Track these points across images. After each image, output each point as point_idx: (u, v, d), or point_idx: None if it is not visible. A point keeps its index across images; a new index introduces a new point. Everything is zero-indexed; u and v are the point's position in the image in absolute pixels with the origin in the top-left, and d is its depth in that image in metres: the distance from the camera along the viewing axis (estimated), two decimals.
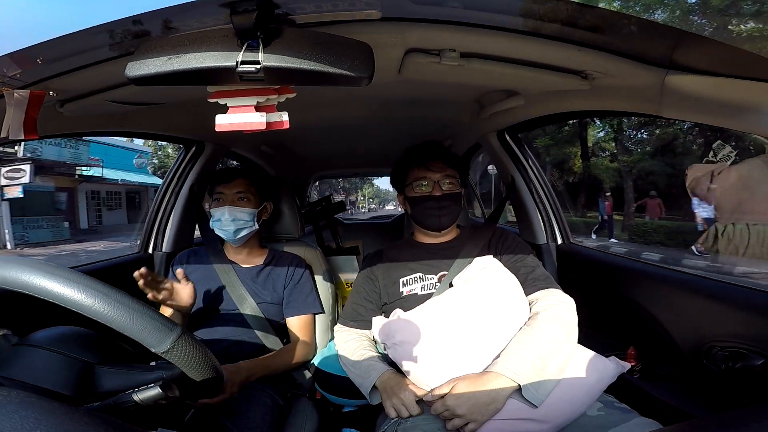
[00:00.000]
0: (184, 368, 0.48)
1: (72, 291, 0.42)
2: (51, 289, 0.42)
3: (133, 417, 0.49)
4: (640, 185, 12.17)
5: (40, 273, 0.42)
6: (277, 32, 0.52)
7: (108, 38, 0.59)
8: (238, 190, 1.10)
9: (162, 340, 0.45)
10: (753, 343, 0.80)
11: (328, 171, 3.11)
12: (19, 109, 0.68)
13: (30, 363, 0.48)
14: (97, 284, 0.44)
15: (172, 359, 0.47)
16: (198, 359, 0.48)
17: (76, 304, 0.42)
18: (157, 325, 0.45)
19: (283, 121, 0.62)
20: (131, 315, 0.44)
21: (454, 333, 0.84)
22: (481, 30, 0.65)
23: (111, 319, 0.43)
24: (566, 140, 14.37)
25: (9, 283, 0.42)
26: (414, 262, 1.05)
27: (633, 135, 13.65)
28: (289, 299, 1.14)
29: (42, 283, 0.42)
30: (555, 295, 0.90)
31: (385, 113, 1.44)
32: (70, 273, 0.43)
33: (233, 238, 1.10)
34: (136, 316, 0.44)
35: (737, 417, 0.41)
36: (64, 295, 0.42)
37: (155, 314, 0.46)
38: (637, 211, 11.28)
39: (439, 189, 1.02)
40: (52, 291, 0.42)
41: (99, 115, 1.00)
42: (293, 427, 0.97)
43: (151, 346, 0.45)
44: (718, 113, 0.66)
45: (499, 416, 0.75)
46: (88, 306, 0.42)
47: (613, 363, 0.83)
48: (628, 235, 10.12)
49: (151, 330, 0.45)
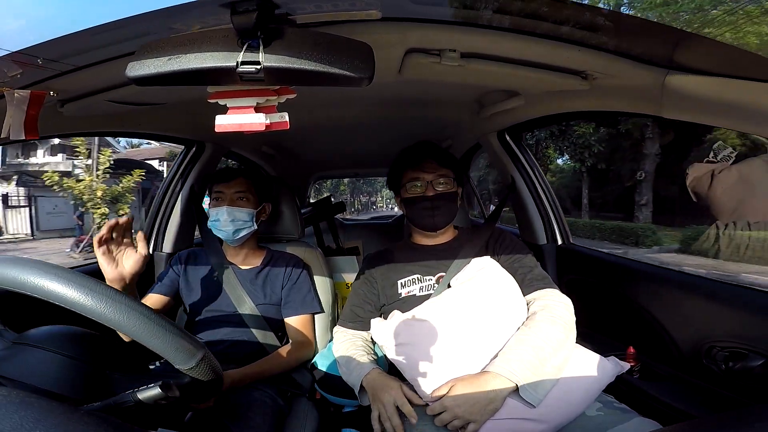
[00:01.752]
0: (198, 380, 0.50)
1: (114, 313, 0.44)
2: (97, 309, 0.44)
3: (133, 417, 0.49)
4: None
5: (89, 293, 0.44)
6: (278, 32, 0.52)
7: (108, 38, 0.59)
8: (238, 189, 1.10)
9: (189, 360, 0.48)
10: (753, 344, 0.80)
11: (328, 171, 3.10)
12: (20, 109, 0.68)
13: (33, 364, 0.49)
14: (137, 305, 0.46)
15: (191, 373, 0.49)
16: (212, 375, 0.51)
17: (117, 324, 0.44)
18: (187, 345, 0.48)
19: (284, 122, 0.62)
20: (166, 336, 0.46)
21: (452, 333, 0.84)
22: (481, 30, 0.65)
23: (146, 338, 0.46)
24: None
25: (61, 299, 0.43)
26: (412, 264, 1.06)
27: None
28: (287, 299, 1.14)
29: (90, 304, 0.43)
30: (552, 295, 0.91)
31: (386, 113, 1.44)
32: (113, 293, 0.45)
33: (231, 239, 1.10)
34: (171, 337, 0.47)
35: (737, 417, 0.41)
36: (107, 315, 0.44)
37: (185, 335, 0.49)
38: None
39: (432, 189, 1.02)
40: (97, 311, 0.44)
41: (99, 115, 1.00)
42: (293, 427, 0.97)
43: (177, 364, 0.48)
44: (719, 113, 0.66)
45: (497, 416, 0.75)
46: (128, 326, 0.45)
47: (612, 363, 0.83)
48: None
49: (181, 350, 0.47)
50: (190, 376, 0.50)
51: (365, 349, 0.99)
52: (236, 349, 1.05)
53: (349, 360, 0.94)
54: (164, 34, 0.55)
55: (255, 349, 1.07)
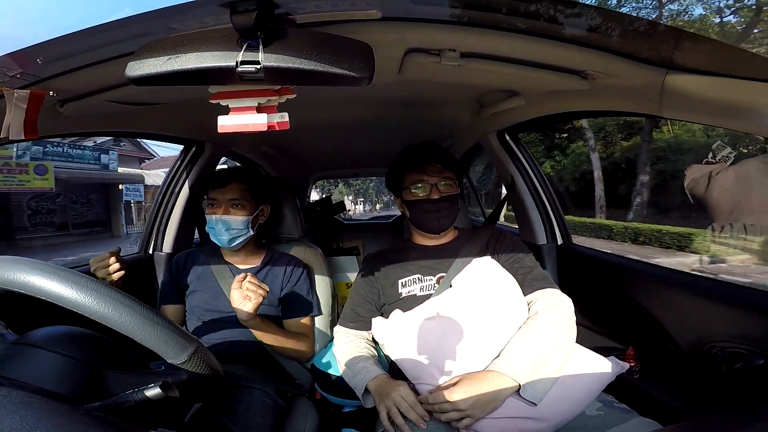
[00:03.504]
0: (194, 376, 0.50)
1: (100, 305, 0.44)
2: (82, 302, 0.43)
3: (133, 417, 0.49)
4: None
5: (72, 286, 0.43)
6: (277, 32, 0.52)
7: (108, 38, 0.59)
8: (232, 196, 1.08)
9: (180, 353, 0.47)
10: (753, 344, 0.80)
11: (328, 171, 3.10)
12: (20, 109, 0.68)
13: (34, 364, 0.48)
14: (124, 297, 0.45)
15: (186, 369, 0.49)
16: (208, 370, 0.51)
17: (103, 317, 0.44)
18: (177, 338, 0.47)
19: (284, 122, 0.62)
20: (155, 329, 0.46)
21: (454, 333, 0.84)
22: (481, 30, 0.65)
23: (134, 331, 0.45)
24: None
25: (46, 294, 0.43)
26: (413, 264, 1.06)
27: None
28: (286, 302, 1.13)
29: (74, 297, 0.43)
30: (553, 294, 0.91)
31: (386, 113, 1.44)
32: (98, 285, 0.45)
33: (227, 246, 1.09)
34: (159, 330, 0.46)
35: (737, 417, 0.41)
36: (92, 308, 0.43)
37: (176, 328, 0.48)
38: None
39: (437, 191, 1.02)
40: (82, 304, 0.43)
41: (99, 115, 1.00)
42: (293, 427, 0.97)
43: (168, 357, 0.47)
44: (719, 113, 0.66)
45: (498, 414, 0.75)
46: (115, 320, 0.44)
47: (612, 363, 0.83)
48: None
49: (171, 343, 0.47)
50: (186, 372, 0.49)
51: (369, 351, 0.99)
52: (236, 348, 1.05)
53: (353, 362, 0.94)
54: (164, 34, 0.55)
55: (255, 349, 1.07)
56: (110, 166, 12.27)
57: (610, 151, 13.60)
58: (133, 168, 14.48)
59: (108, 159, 12.19)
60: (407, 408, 0.78)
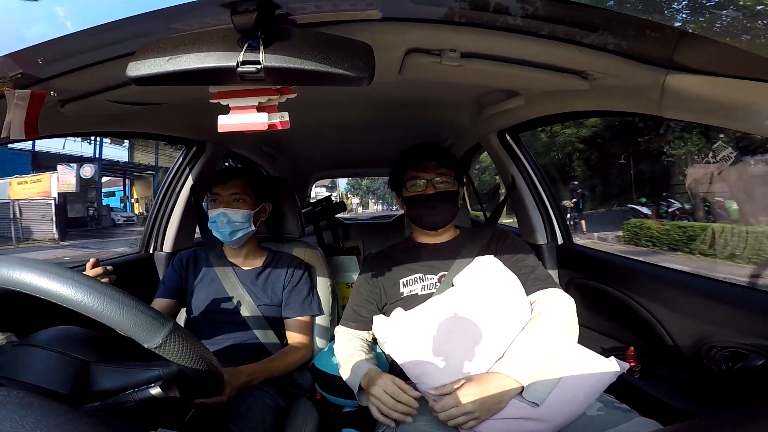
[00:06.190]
0: (179, 363, 0.48)
1: (61, 287, 0.42)
2: (41, 285, 0.42)
3: (133, 417, 0.49)
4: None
5: (30, 270, 0.42)
6: (278, 32, 0.52)
7: (109, 38, 0.59)
8: (234, 191, 1.10)
9: (153, 335, 0.45)
10: (753, 344, 0.80)
11: (328, 171, 3.11)
12: (20, 109, 0.68)
13: (28, 362, 0.48)
14: (87, 279, 0.44)
15: (166, 354, 0.46)
16: (192, 354, 0.48)
17: (65, 299, 0.42)
18: (149, 320, 0.45)
19: (285, 122, 0.62)
20: (121, 309, 0.43)
21: (455, 332, 0.84)
22: (482, 30, 0.65)
23: (101, 313, 0.43)
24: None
25: (5, 281, 0.42)
26: (414, 263, 1.06)
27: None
28: (288, 301, 1.14)
29: (32, 280, 0.42)
30: (556, 295, 0.91)
31: (386, 113, 1.44)
32: (60, 269, 0.43)
33: (229, 240, 1.10)
34: (126, 310, 0.44)
35: (737, 417, 0.41)
36: (54, 291, 0.42)
37: (147, 309, 0.46)
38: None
39: (432, 187, 1.03)
40: (42, 287, 0.42)
41: (99, 115, 1.00)
42: (293, 427, 0.97)
43: (143, 341, 0.45)
44: (719, 113, 0.66)
45: (500, 415, 0.75)
46: (78, 301, 0.42)
47: (612, 363, 0.83)
48: None
49: (142, 325, 0.44)
50: (177, 365, 0.48)
51: (364, 349, 0.99)
52: (238, 349, 1.05)
53: (349, 361, 0.94)
54: (164, 34, 0.55)
55: (256, 350, 1.07)
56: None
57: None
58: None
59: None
60: (393, 403, 0.78)
